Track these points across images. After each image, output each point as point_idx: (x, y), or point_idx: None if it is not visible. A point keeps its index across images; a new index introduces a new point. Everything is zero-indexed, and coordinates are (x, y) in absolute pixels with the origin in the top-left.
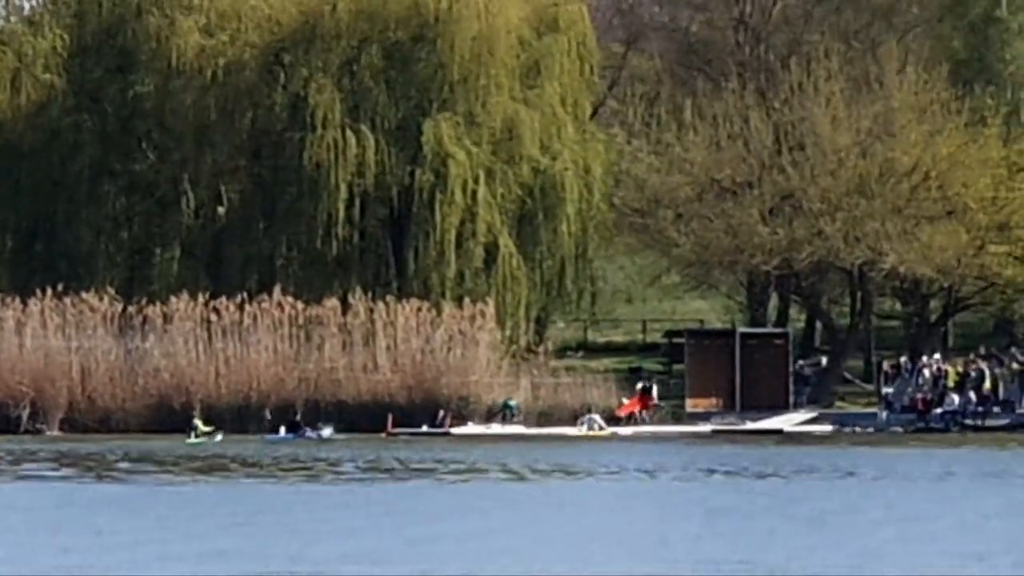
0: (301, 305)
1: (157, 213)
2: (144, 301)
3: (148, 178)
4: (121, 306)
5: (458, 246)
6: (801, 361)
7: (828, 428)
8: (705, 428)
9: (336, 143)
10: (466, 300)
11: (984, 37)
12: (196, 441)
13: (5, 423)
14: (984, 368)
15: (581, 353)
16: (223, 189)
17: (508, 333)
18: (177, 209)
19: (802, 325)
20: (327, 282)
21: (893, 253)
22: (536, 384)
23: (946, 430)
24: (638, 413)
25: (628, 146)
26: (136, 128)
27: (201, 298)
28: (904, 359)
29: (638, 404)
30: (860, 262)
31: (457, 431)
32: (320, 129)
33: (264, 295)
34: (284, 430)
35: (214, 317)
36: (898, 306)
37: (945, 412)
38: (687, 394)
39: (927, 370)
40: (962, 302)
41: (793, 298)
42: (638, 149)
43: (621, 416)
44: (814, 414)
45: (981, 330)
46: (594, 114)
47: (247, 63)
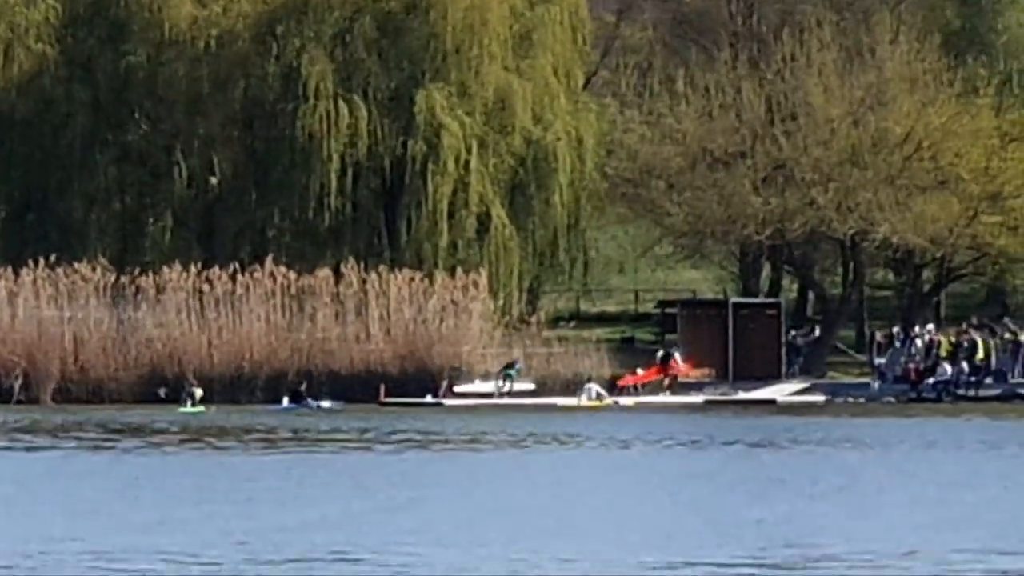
0: (293, 275)
1: (149, 183)
2: (136, 271)
3: (140, 148)
4: (113, 276)
5: (450, 216)
6: (793, 331)
7: (820, 398)
8: (697, 398)
9: (329, 113)
10: (459, 270)
11: (977, 7)
12: (191, 410)
13: None
14: (977, 338)
15: (574, 323)
16: (215, 159)
17: (501, 303)
18: (169, 179)
19: (794, 295)
20: (319, 252)
21: (885, 223)
22: (529, 354)
23: (938, 400)
24: (664, 381)
25: (620, 116)
26: (128, 98)
27: (193, 268)
28: (896, 329)
29: (657, 373)
30: (852, 232)
31: (449, 402)
32: (313, 99)
33: (256, 265)
34: (287, 400)
35: (206, 287)
36: (890, 276)
37: (937, 382)
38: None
39: (919, 340)
40: (955, 272)
41: (785, 268)
42: (630, 119)
43: (632, 385)
44: (806, 384)
45: (974, 300)
46: (586, 84)
47: (240, 33)
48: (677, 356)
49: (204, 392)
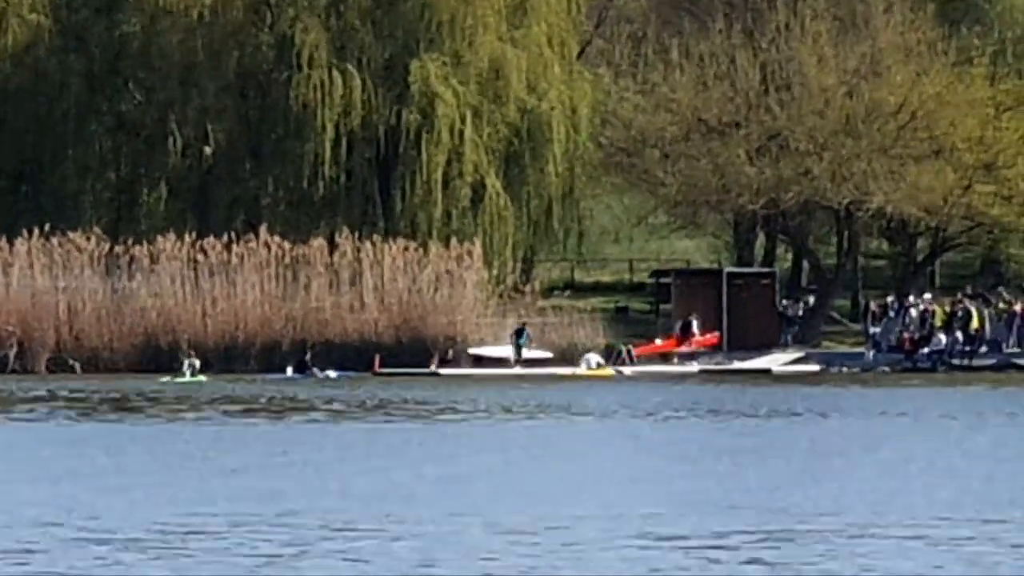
0: (288, 245)
1: (144, 153)
2: (131, 241)
3: (134, 118)
4: (108, 246)
5: (445, 186)
6: (784, 301)
7: (815, 368)
8: (692, 368)
9: (323, 83)
10: (453, 240)
11: None
12: (187, 380)
13: None
14: (971, 308)
15: (568, 292)
16: (210, 129)
17: (495, 273)
18: (164, 149)
19: (789, 265)
20: (314, 222)
21: (880, 193)
22: (523, 324)
23: (933, 370)
24: (684, 351)
25: (615, 86)
26: (122, 68)
27: (188, 238)
28: (891, 299)
29: (676, 343)
30: (847, 202)
31: (444, 372)
32: (307, 69)
33: (251, 235)
34: (291, 370)
35: (201, 257)
36: (885, 246)
37: (932, 352)
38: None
39: (914, 310)
40: (949, 242)
41: (780, 238)
42: (625, 89)
43: (649, 354)
44: (801, 354)
45: (968, 270)
46: (580, 54)
47: (233, 3)
48: (695, 326)
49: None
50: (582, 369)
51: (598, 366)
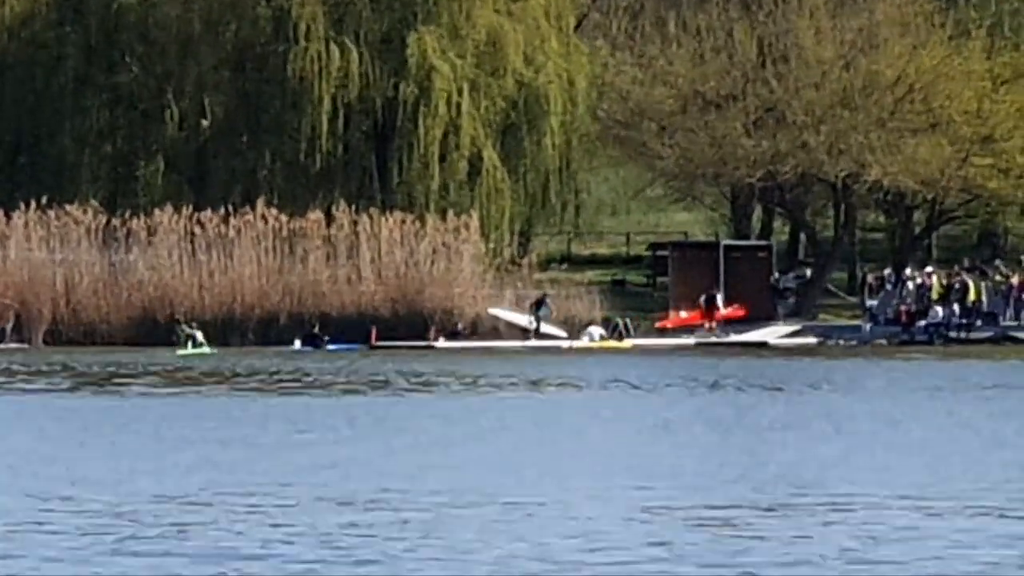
0: (285, 218)
1: (141, 126)
2: (128, 214)
3: (131, 91)
4: (105, 219)
5: (442, 159)
6: (777, 274)
7: (812, 340)
8: (689, 341)
9: (320, 56)
10: (450, 213)
11: None
12: (189, 352)
13: None
14: (968, 281)
15: (565, 265)
16: (207, 102)
17: (492, 246)
18: (161, 122)
19: (786, 238)
20: (311, 195)
21: (877, 165)
22: (520, 296)
23: (930, 343)
24: (707, 325)
25: (612, 59)
26: (119, 41)
27: (185, 211)
28: (888, 271)
29: (701, 316)
30: (844, 174)
31: (441, 345)
32: (304, 42)
33: (248, 208)
34: (299, 343)
35: (198, 230)
36: (882, 219)
37: (929, 325)
38: (671, 306)
39: (911, 282)
40: (946, 214)
41: (777, 210)
42: (622, 62)
43: (670, 327)
44: (798, 327)
45: (965, 243)
46: (578, 26)
47: None
48: (719, 299)
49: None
50: (584, 342)
51: (601, 338)
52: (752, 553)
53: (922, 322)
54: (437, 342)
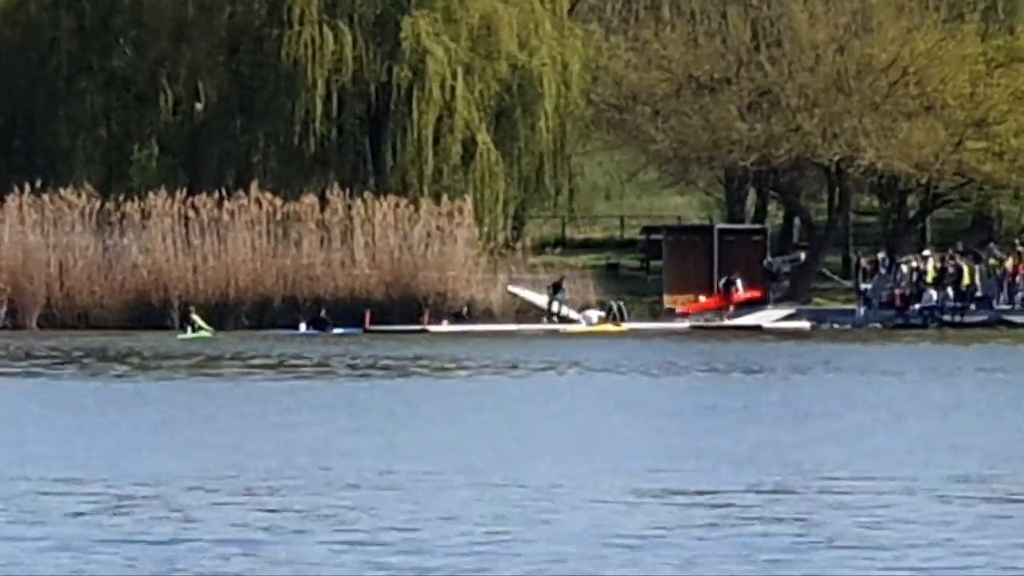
0: (279, 201)
1: (135, 109)
2: (122, 197)
3: (126, 75)
4: (99, 202)
5: (436, 142)
6: (770, 258)
7: (806, 324)
8: (683, 325)
9: (314, 39)
10: (444, 196)
11: None
12: (191, 336)
13: None
14: (962, 264)
15: (559, 249)
16: (201, 85)
17: (486, 229)
18: (155, 105)
19: (780, 221)
20: (305, 178)
21: (871, 149)
22: (514, 280)
23: (924, 326)
24: (727, 309)
25: (606, 42)
26: (114, 25)
27: (179, 194)
28: (882, 255)
29: (720, 301)
30: (838, 158)
31: (434, 329)
32: (298, 25)
33: (242, 191)
34: (305, 326)
35: (192, 214)
36: (876, 202)
37: (923, 308)
38: (665, 290)
39: (905, 266)
40: (940, 198)
41: (771, 194)
42: (616, 45)
43: (688, 312)
44: (792, 311)
45: (959, 226)
46: (572, 10)
47: None
48: (739, 283)
49: (191, 318)
50: (583, 326)
51: (599, 320)
52: (751, 537)
53: (916, 306)
54: (440, 325)
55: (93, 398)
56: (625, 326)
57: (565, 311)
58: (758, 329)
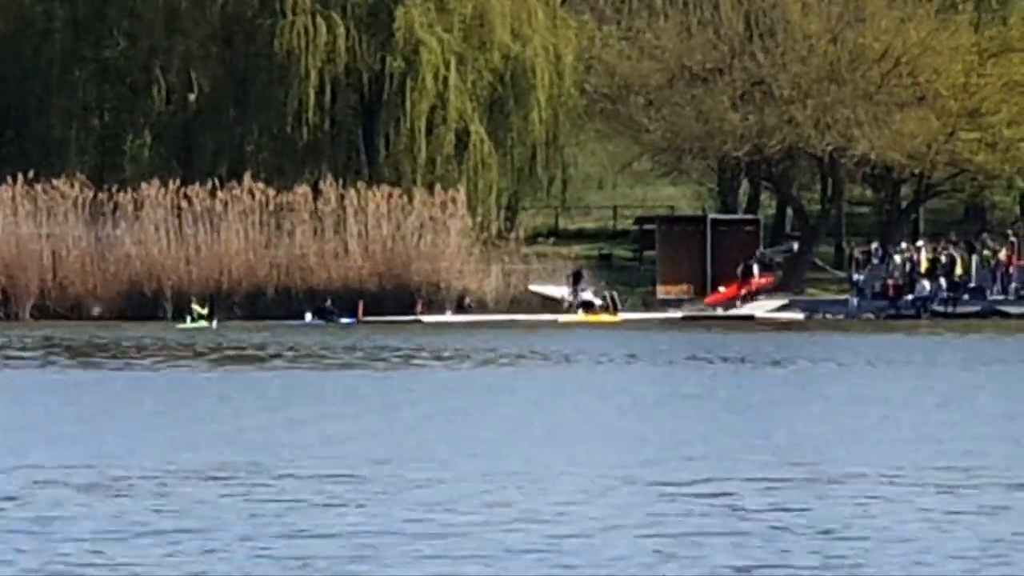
0: (272, 192)
1: (128, 100)
2: (115, 188)
3: (119, 65)
4: (92, 193)
5: (429, 133)
6: (762, 249)
7: (799, 315)
8: (676, 315)
9: (307, 30)
10: (437, 187)
11: None
12: (191, 326)
13: None
14: (955, 255)
15: (552, 239)
16: (194, 76)
17: (479, 220)
18: (148, 96)
19: (773, 212)
20: (298, 169)
21: (864, 139)
22: (507, 271)
23: (917, 316)
24: (744, 297)
25: (599, 32)
26: (107, 15)
27: (172, 185)
28: (875, 246)
29: (738, 288)
30: (831, 148)
31: (427, 319)
32: (291, 16)
33: (235, 182)
34: (310, 316)
35: (185, 204)
36: (869, 193)
37: (916, 299)
38: (658, 281)
39: (898, 256)
40: (933, 188)
41: (764, 184)
42: (609, 35)
43: (715, 303)
44: (785, 301)
45: (952, 216)
46: (564, 0)
47: None
48: (756, 270)
49: (184, 308)
50: (580, 315)
51: (596, 294)
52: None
53: (909, 296)
54: (444, 315)
55: (156, 389)
56: (621, 316)
57: (588, 296)
58: (751, 319)
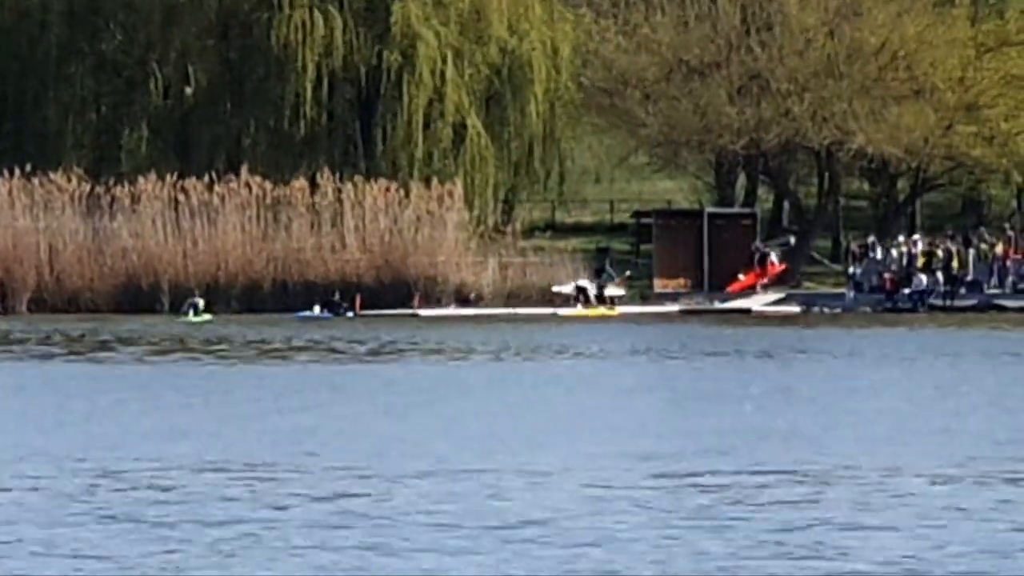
0: (269, 185)
1: (125, 93)
2: (112, 181)
3: (116, 59)
4: (89, 186)
5: (426, 126)
6: (759, 242)
7: (796, 308)
8: (673, 308)
9: (304, 23)
10: (434, 180)
11: None
12: (193, 320)
13: None
14: (952, 248)
15: (549, 233)
16: (191, 69)
17: (476, 213)
18: (145, 89)
19: (770, 205)
20: (295, 162)
21: (861, 133)
22: (504, 264)
23: (914, 310)
24: (760, 285)
25: (596, 26)
26: (104, 8)
27: (169, 178)
28: (872, 239)
29: (757, 276)
30: (828, 142)
31: (424, 313)
32: (288, 9)
33: (232, 175)
34: (318, 308)
35: (182, 197)
36: (866, 186)
37: (913, 292)
38: (655, 274)
39: (895, 250)
40: (930, 182)
41: (761, 178)
42: (606, 29)
43: (737, 291)
44: (782, 294)
45: (949, 210)
46: None
47: None
48: (774, 257)
49: (180, 302)
50: (578, 309)
51: (593, 283)
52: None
53: (906, 290)
54: (448, 308)
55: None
56: (618, 310)
57: (611, 291)
58: (747, 312)
